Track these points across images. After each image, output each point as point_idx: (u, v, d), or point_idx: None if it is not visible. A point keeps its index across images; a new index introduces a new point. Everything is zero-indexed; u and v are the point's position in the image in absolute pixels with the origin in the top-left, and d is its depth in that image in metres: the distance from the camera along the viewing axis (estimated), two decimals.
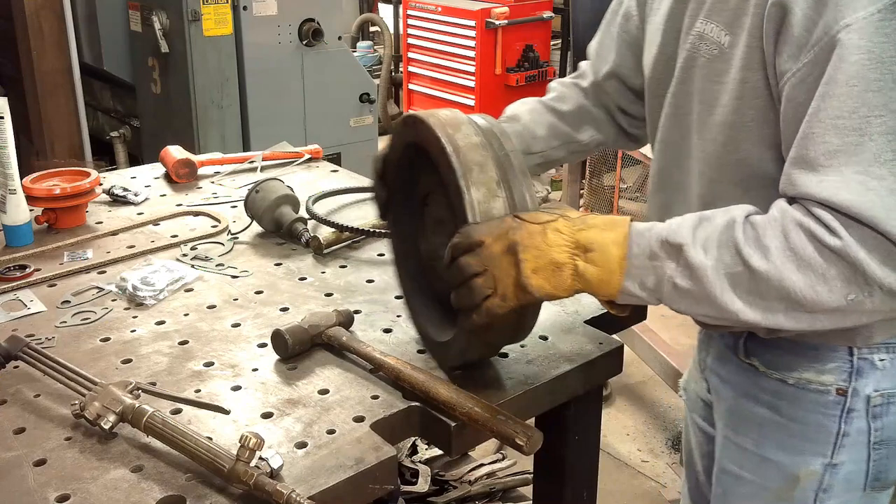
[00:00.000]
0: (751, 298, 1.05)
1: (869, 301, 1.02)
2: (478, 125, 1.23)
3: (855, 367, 1.21)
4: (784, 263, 1.02)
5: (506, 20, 5.46)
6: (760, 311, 1.05)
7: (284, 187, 1.88)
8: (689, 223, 1.09)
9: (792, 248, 1.02)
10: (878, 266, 1.00)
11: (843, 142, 1.01)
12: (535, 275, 1.10)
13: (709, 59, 1.20)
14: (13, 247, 1.80)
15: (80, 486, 1.08)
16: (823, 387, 1.23)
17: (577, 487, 1.56)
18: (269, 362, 1.37)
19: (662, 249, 1.08)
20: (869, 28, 1.00)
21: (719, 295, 1.05)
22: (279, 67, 3.78)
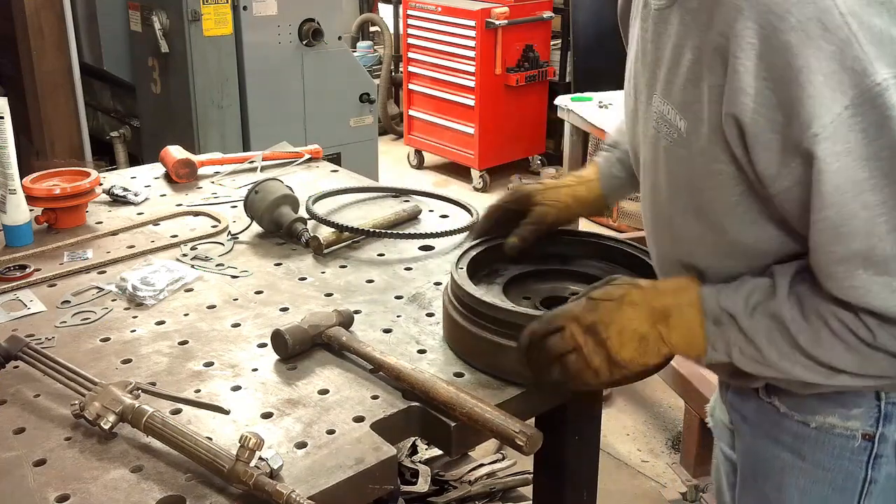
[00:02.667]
0: (809, 368, 1.06)
1: None
2: None
3: (882, 413, 1.14)
4: (833, 345, 1.03)
5: (506, 20, 5.45)
6: (822, 376, 1.06)
7: (284, 187, 1.88)
8: (745, 290, 1.09)
9: (836, 335, 1.03)
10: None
11: (851, 249, 0.97)
12: (623, 348, 1.13)
13: (670, 142, 1.12)
14: (13, 247, 1.80)
15: (80, 486, 1.08)
16: (849, 432, 1.15)
17: (577, 487, 1.56)
18: (268, 362, 1.37)
19: (724, 315, 1.09)
20: (841, 130, 0.93)
21: (777, 361, 1.07)
22: (279, 67, 3.78)
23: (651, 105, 1.16)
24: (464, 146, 5.82)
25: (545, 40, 5.84)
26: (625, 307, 1.13)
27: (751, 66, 0.96)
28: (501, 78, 5.62)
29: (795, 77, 0.93)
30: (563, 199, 1.50)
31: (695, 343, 1.12)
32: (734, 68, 0.97)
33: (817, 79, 0.92)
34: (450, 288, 1.40)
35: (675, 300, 1.13)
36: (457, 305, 1.36)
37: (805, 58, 0.93)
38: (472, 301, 1.33)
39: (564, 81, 5.90)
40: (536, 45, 5.72)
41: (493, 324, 1.30)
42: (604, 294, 1.15)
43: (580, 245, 1.54)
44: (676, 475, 2.94)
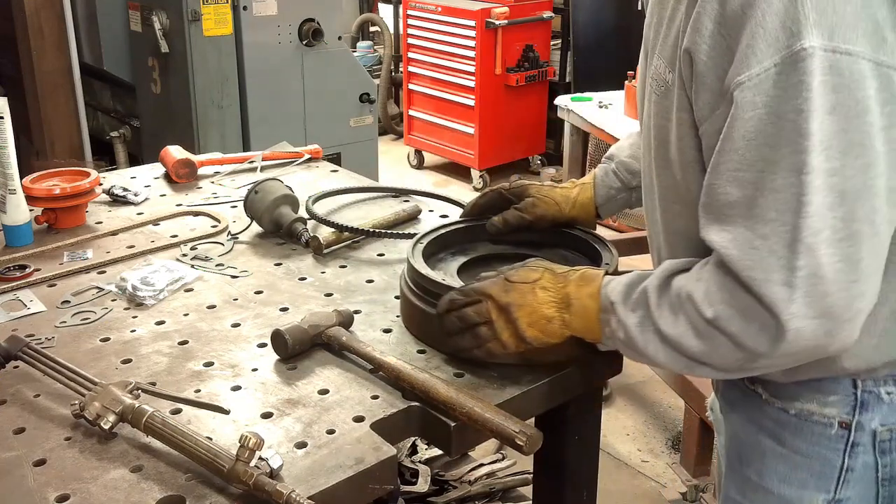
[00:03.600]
0: (671, 355, 1.12)
1: (758, 365, 1.07)
2: None
3: (859, 400, 1.15)
4: (686, 331, 1.09)
5: (506, 20, 5.45)
6: (683, 365, 1.13)
7: (283, 187, 1.88)
8: (626, 280, 1.19)
9: (689, 318, 1.08)
10: (753, 336, 1.03)
11: (742, 194, 1.02)
12: (530, 328, 1.24)
13: (658, 96, 1.18)
14: (13, 247, 1.80)
15: (80, 486, 1.08)
16: (826, 419, 1.17)
17: (577, 487, 1.56)
18: (268, 362, 1.37)
19: (611, 307, 1.19)
20: (765, 83, 0.98)
21: (644, 349, 1.14)
22: (279, 67, 3.78)
23: (651, 66, 1.21)
24: (464, 146, 5.82)
25: (545, 40, 5.85)
26: (537, 290, 1.25)
27: (710, 8, 1.02)
28: (501, 78, 5.62)
29: (742, 25, 0.99)
30: (554, 196, 1.59)
31: (592, 329, 1.22)
32: (698, 10, 1.04)
33: (758, 31, 0.98)
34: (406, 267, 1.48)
35: (578, 291, 1.23)
36: (407, 281, 1.45)
37: (755, 8, 0.98)
38: (414, 275, 1.42)
39: (564, 81, 5.90)
40: (536, 45, 5.72)
41: (428, 295, 1.38)
42: (520, 277, 1.27)
43: (552, 234, 1.58)
44: (676, 475, 2.94)
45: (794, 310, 0.99)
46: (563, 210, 1.57)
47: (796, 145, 0.97)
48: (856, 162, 0.97)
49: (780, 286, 0.99)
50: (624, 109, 3.86)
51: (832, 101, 0.96)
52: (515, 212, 1.57)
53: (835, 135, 0.96)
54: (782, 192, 0.98)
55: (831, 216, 0.97)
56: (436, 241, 1.55)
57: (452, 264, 1.53)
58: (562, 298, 1.24)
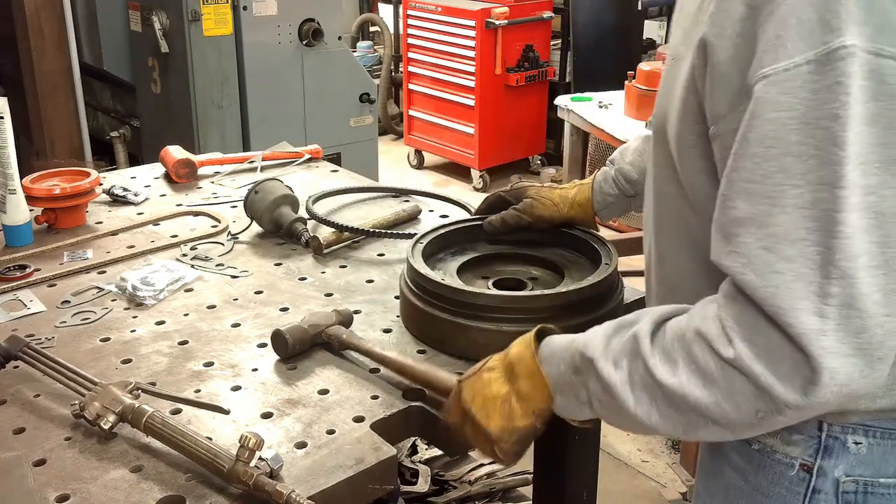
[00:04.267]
0: (668, 412, 0.97)
1: (782, 417, 0.92)
2: None
3: (822, 444, 1.05)
4: (690, 378, 0.94)
5: (506, 20, 5.45)
6: (681, 427, 0.98)
7: (283, 187, 1.88)
8: (602, 333, 1.04)
9: (695, 362, 0.94)
10: (779, 382, 0.88)
11: (754, 211, 0.89)
12: (490, 420, 1.10)
13: (669, 66, 1.08)
14: (13, 247, 1.80)
15: (80, 486, 1.08)
16: (788, 459, 1.08)
17: (577, 487, 1.56)
18: (269, 362, 1.37)
19: (583, 363, 1.04)
20: (793, 81, 0.86)
21: (633, 409, 0.99)
22: (279, 67, 3.78)
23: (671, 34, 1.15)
24: (464, 146, 5.82)
25: (545, 40, 5.84)
26: (483, 374, 1.13)
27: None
28: (501, 78, 5.62)
29: (773, 11, 0.88)
30: (552, 197, 1.56)
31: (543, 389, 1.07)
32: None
33: (791, 20, 0.86)
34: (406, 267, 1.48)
35: (518, 349, 1.10)
36: (406, 281, 1.45)
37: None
38: (414, 275, 1.41)
39: (564, 81, 5.90)
40: (536, 45, 5.72)
41: (428, 295, 1.38)
42: (467, 374, 1.15)
43: (552, 234, 1.58)
44: (676, 475, 2.94)
45: (826, 344, 0.85)
46: (560, 211, 1.55)
47: (830, 156, 0.85)
48: (894, 181, 0.86)
49: (811, 316, 0.86)
50: (624, 109, 3.86)
51: (872, 110, 0.84)
52: (514, 212, 1.56)
53: (873, 149, 0.85)
54: (811, 209, 0.86)
55: (868, 239, 0.85)
56: (436, 241, 1.55)
57: (452, 264, 1.53)
58: (506, 367, 1.11)
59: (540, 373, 1.07)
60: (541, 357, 1.09)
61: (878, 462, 1.05)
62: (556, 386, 1.07)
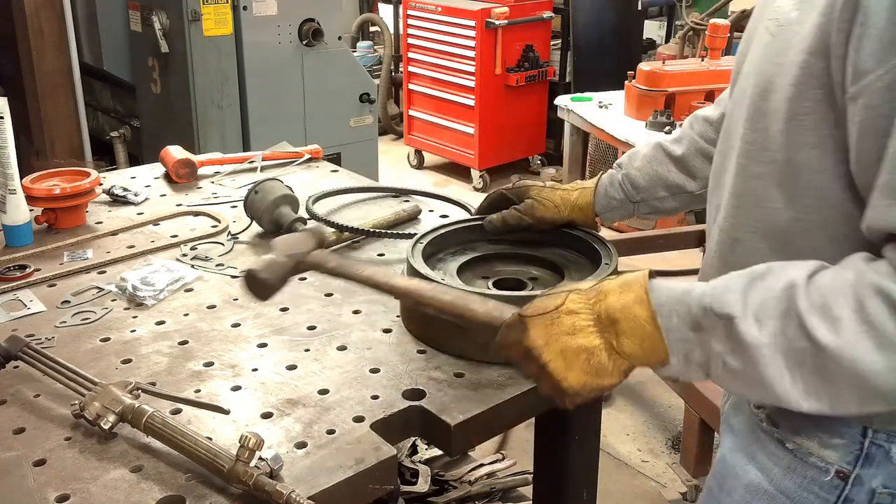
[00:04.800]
0: (816, 383, 0.86)
1: None
2: None
3: (864, 452, 1.00)
4: (859, 339, 0.83)
5: (506, 20, 5.45)
6: (827, 400, 0.87)
7: (283, 187, 1.88)
8: (737, 286, 0.91)
9: (869, 321, 0.82)
10: None
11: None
12: (570, 373, 0.96)
13: (773, 35, 1.01)
14: (13, 247, 1.80)
15: (80, 486, 1.08)
16: (823, 463, 1.03)
17: (577, 487, 1.56)
18: (269, 362, 1.37)
19: (707, 319, 0.91)
20: None
21: (776, 379, 0.88)
22: (279, 67, 3.78)
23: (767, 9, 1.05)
24: (464, 146, 5.82)
25: (545, 40, 5.85)
26: (562, 318, 0.97)
27: None
28: (501, 78, 5.62)
29: None
30: (553, 198, 1.54)
31: (655, 349, 0.94)
32: None
33: None
34: None
35: (620, 301, 0.96)
36: None
37: None
38: (415, 275, 1.39)
39: (564, 81, 5.90)
40: (536, 45, 5.72)
41: None
42: (535, 309, 0.99)
43: (552, 234, 1.58)
44: (676, 475, 2.94)
45: None
46: (561, 213, 1.54)
47: None
48: None
49: None
50: (624, 109, 3.86)
51: None
52: (515, 212, 1.54)
53: None
54: None
55: None
56: (436, 241, 1.55)
57: (452, 264, 1.53)
58: (600, 317, 0.97)
59: (658, 333, 0.93)
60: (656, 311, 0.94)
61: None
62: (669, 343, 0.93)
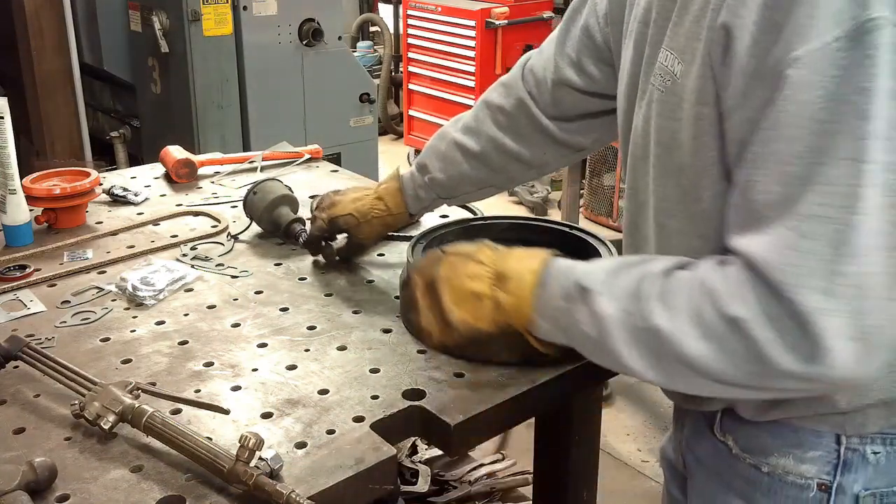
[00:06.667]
0: (651, 358, 0.97)
1: (770, 386, 0.93)
2: None
3: (841, 459, 1.02)
4: (686, 327, 0.93)
5: (506, 20, 5.45)
6: (663, 374, 0.98)
7: (283, 187, 1.88)
8: (609, 267, 1.04)
9: (698, 313, 0.93)
10: (783, 351, 0.87)
11: (786, 193, 0.88)
12: (457, 307, 1.11)
13: (662, 92, 1.04)
14: (13, 247, 1.80)
15: (80, 486, 1.08)
16: (803, 479, 1.04)
17: (577, 487, 1.56)
18: (269, 362, 1.37)
19: (576, 291, 1.03)
20: (824, 61, 0.85)
21: (619, 349, 0.99)
22: (279, 67, 3.78)
23: (654, 64, 1.09)
24: None
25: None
26: (470, 263, 1.12)
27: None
28: None
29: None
30: (376, 229, 1.59)
31: (521, 310, 1.08)
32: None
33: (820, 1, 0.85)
34: None
35: (519, 264, 1.09)
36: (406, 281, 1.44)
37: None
38: None
39: None
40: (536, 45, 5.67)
41: None
42: (456, 249, 1.15)
43: (552, 234, 1.58)
44: None
45: (833, 325, 0.85)
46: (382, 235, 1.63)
47: (856, 131, 0.84)
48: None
49: (819, 294, 0.85)
50: None
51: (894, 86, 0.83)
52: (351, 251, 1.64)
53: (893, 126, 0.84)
54: (835, 185, 0.85)
55: (884, 219, 0.85)
56: (436, 241, 1.55)
57: None
58: (497, 273, 1.10)
59: (529, 299, 1.07)
60: (540, 280, 1.08)
61: (894, 471, 1.02)
62: (539, 307, 1.07)
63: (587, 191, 5.10)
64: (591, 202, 5.14)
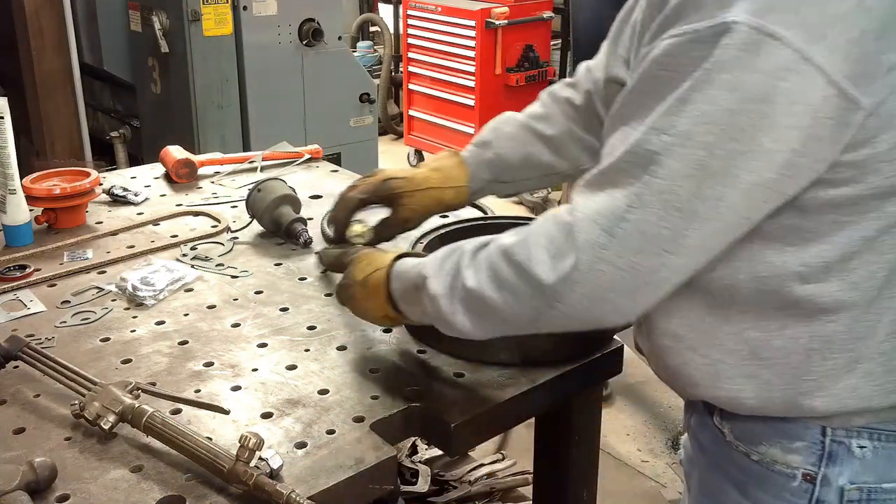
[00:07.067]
0: (473, 316, 1.10)
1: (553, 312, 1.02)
2: None
3: (826, 451, 1.03)
4: (487, 282, 1.06)
5: (506, 20, 5.45)
6: (481, 328, 1.11)
7: (286, 187, 1.88)
8: (436, 255, 1.16)
9: (492, 267, 1.05)
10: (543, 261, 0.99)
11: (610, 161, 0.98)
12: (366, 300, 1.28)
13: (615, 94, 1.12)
14: (13, 247, 1.80)
15: (80, 486, 1.08)
16: (789, 469, 1.05)
17: (577, 487, 1.56)
18: (269, 362, 1.37)
19: (420, 280, 1.16)
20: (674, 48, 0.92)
21: (454, 318, 1.11)
22: (279, 67, 3.78)
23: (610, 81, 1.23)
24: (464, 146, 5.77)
25: (545, 40, 5.84)
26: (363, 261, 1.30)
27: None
28: (501, 78, 5.61)
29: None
30: (428, 204, 1.44)
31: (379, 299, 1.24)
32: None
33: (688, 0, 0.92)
34: None
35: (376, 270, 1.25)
36: None
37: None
38: None
39: None
40: (536, 45, 5.71)
41: None
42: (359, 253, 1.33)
43: None
44: (676, 475, 2.94)
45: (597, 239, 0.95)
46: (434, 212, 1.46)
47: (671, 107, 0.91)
48: (731, 144, 0.89)
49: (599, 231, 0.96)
50: None
51: (735, 79, 0.88)
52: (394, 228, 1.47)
53: (721, 113, 0.89)
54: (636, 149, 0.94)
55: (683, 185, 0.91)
56: (436, 241, 1.54)
57: None
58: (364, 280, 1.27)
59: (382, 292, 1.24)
60: (392, 274, 1.23)
61: (882, 467, 1.02)
62: (400, 298, 1.22)
63: None
64: None
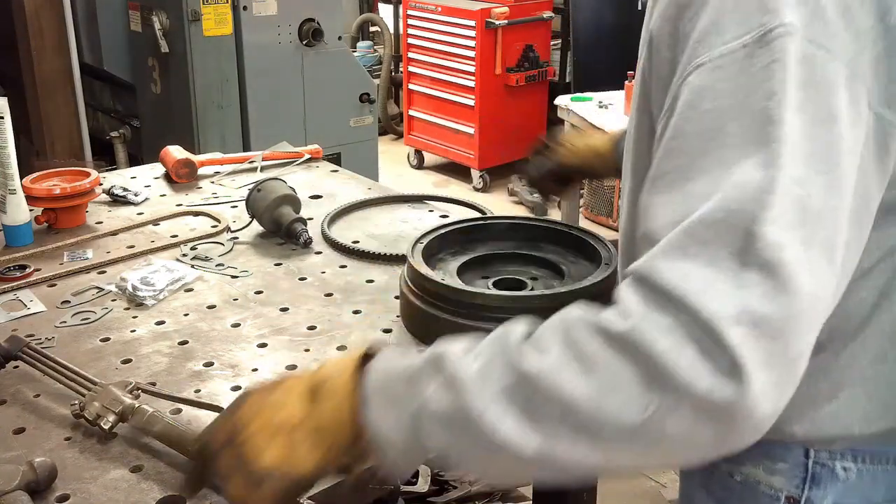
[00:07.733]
0: (524, 417, 0.75)
1: (674, 415, 0.71)
2: None
3: (810, 473, 0.98)
4: (564, 362, 0.75)
5: (506, 20, 5.45)
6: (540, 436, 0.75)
7: (286, 187, 1.88)
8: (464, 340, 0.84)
9: (574, 344, 0.75)
10: (688, 361, 0.70)
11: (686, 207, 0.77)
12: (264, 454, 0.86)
13: None
14: (13, 247, 1.80)
15: (80, 486, 1.08)
16: (772, 491, 1.00)
17: (577, 487, 1.56)
18: (269, 362, 1.37)
19: (428, 364, 0.82)
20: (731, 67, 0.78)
21: (483, 411, 0.76)
22: (279, 67, 3.78)
23: None
24: (464, 146, 5.82)
25: (545, 40, 5.84)
26: (276, 393, 0.89)
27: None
28: (501, 78, 5.61)
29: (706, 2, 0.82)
30: (577, 143, 1.69)
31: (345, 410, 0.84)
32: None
33: (727, 6, 0.80)
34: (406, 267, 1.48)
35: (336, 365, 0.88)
36: (406, 281, 1.45)
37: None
38: (414, 275, 1.41)
39: (564, 81, 5.90)
40: (536, 45, 5.72)
41: (428, 295, 1.38)
42: (257, 383, 0.93)
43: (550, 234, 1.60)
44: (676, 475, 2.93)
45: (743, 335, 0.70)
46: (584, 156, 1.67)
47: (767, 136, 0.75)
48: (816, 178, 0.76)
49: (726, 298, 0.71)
50: (624, 109, 3.87)
51: (801, 98, 0.77)
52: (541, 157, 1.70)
53: (799, 139, 0.75)
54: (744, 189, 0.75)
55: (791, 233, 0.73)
56: (436, 240, 1.55)
57: (452, 264, 1.53)
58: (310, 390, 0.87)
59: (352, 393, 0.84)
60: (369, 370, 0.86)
61: (867, 488, 0.99)
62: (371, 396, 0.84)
63: (587, 191, 5.10)
64: (591, 202, 5.14)
